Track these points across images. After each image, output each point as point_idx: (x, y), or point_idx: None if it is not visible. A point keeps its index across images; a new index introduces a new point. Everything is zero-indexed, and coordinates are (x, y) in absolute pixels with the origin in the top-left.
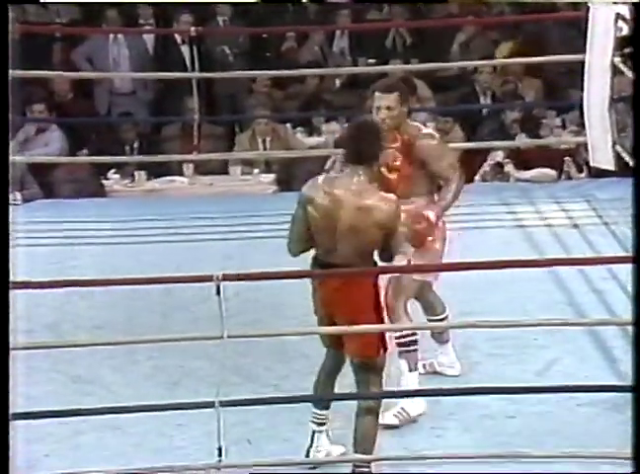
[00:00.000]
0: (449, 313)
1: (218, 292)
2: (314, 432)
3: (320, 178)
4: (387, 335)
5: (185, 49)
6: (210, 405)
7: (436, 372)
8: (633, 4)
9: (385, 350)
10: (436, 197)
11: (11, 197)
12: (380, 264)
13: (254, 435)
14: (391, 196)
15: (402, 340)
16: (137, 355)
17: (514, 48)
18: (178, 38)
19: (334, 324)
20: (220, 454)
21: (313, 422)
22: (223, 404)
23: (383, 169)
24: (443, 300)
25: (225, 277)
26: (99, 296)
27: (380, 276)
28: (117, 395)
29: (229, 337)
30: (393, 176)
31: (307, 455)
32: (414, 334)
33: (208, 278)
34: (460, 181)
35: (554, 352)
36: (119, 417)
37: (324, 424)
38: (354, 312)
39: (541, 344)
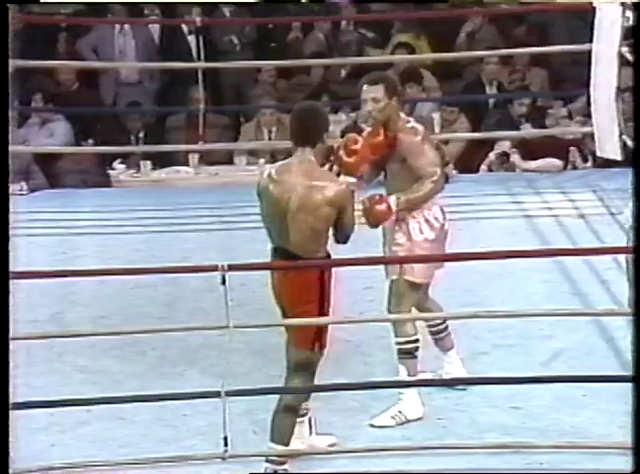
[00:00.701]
0: (454, 303)
1: (224, 282)
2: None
3: (270, 166)
4: (329, 333)
5: (191, 39)
6: (216, 395)
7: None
8: (633, 4)
9: (321, 347)
10: None
11: (17, 186)
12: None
13: (259, 426)
14: (349, 177)
15: (403, 346)
16: (142, 345)
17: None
18: (184, 28)
19: (283, 309)
20: (226, 444)
21: None
22: (229, 394)
23: (342, 152)
24: (449, 290)
25: (231, 267)
26: (104, 286)
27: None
28: (122, 385)
29: (235, 327)
30: (351, 159)
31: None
32: (416, 341)
33: (214, 268)
34: (437, 183)
35: (560, 342)
36: (124, 407)
37: (304, 414)
38: (295, 299)
39: (547, 334)
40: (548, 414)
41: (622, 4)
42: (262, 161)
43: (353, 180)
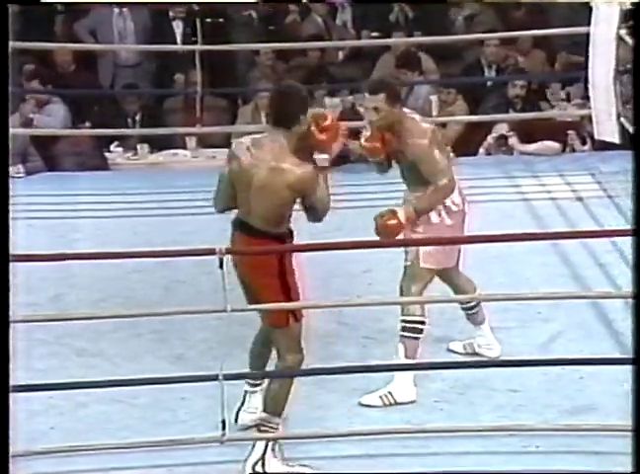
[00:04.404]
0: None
1: (221, 265)
2: (246, 392)
3: (247, 137)
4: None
5: (178, 24)
6: (214, 378)
7: (475, 353)
8: (633, 4)
9: (296, 318)
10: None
11: (14, 169)
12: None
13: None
14: (322, 155)
15: (406, 324)
16: (141, 328)
17: None
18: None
19: (245, 284)
20: (224, 428)
21: (247, 382)
22: (227, 377)
23: (313, 128)
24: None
25: (228, 251)
26: (102, 269)
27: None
28: (120, 368)
29: (232, 310)
30: (323, 136)
31: (237, 416)
32: (421, 323)
33: (211, 252)
34: (446, 187)
35: (558, 325)
36: (122, 390)
37: (257, 385)
38: (256, 274)
39: (545, 317)
40: (546, 396)
41: None
42: None
43: (325, 156)
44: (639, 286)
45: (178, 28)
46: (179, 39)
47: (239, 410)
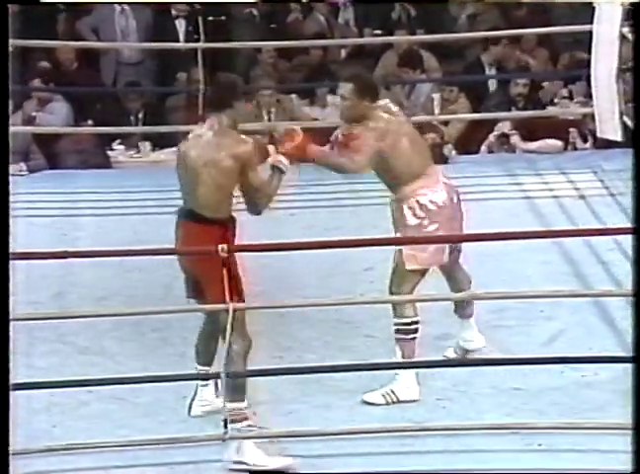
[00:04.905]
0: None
1: (224, 264)
2: (197, 385)
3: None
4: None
5: (180, 23)
6: (216, 376)
7: (465, 350)
8: (633, 4)
9: (240, 300)
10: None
11: (17, 167)
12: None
13: (258, 407)
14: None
15: (399, 326)
16: (143, 326)
17: None
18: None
19: (186, 270)
20: (226, 426)
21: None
22: (229, 375)
23: (280, 142)
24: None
25: (230, 249)
26: (104, 267)
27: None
28: (122, 366)
29: (235, 308)
30: (288, 148)
31: (190, 408)
32: (415, 323)
33: (214, 250)
34: (346, 165)
35: (559, 323)
36: (124, 388)
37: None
38: (199, 261)
39: (547, 315)
40: (548, 395)
41: None
42: None
43: (284, 160)
44: (639, 284)
45: (180, 26)
46: (181, 37)
47: (191, 403)
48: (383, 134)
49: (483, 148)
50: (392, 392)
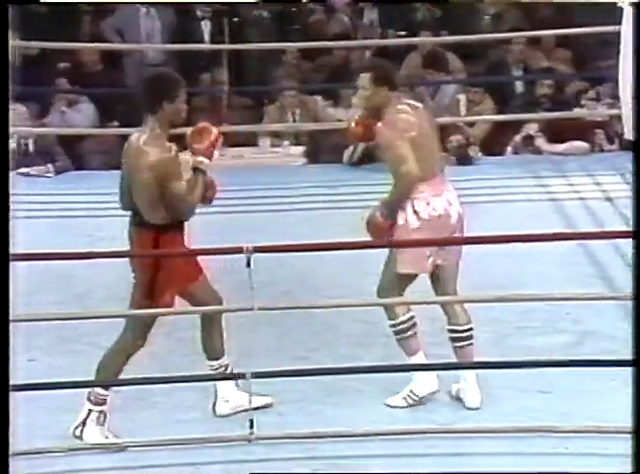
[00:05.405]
0: (478, 286)
1: (249, 264)
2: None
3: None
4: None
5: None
6: (242, 377)
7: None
8: (633, 4)
9: (157, 304)
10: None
11: (44, 168)
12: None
13: (284, 408)
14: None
15: (396, 327)
16: (166, 326)
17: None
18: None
19: (135, 274)
20: (252, 426)
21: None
22: (254, 376)
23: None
24: (474, 272)
25: (256, 249)
26: (128, 268)
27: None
28: (144, 367)
29: (259, 309)
30: (199, 145)
31: (214, 407)
32: (409, 319)
33: (239, 250)
34: (405, 176)
35: (586, 326)
36: (147, 388)
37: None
38: (138, 259)
39: (573, 317)
40: (575, 398)
41: None
42: (286, 143)
43: (204, 160)
44: (638, 289)
45: (205, 27)
46: (206, 38)
47: (215, 401)
48: (408, 127)
49: (508, 149)
50: (411, 392)
